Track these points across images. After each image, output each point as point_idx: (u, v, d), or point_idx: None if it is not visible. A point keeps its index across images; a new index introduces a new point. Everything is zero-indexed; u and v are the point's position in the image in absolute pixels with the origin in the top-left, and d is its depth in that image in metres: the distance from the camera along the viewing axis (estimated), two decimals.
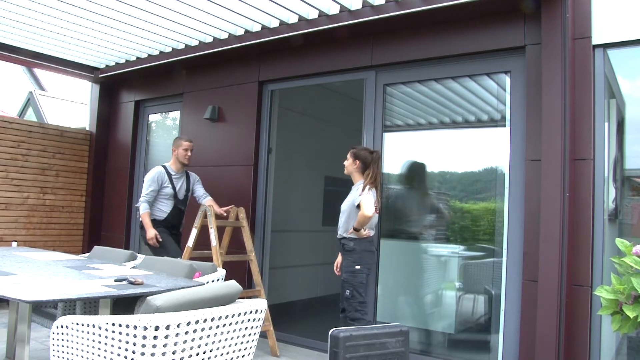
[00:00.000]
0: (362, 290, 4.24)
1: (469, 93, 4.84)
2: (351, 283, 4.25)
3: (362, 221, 4.20)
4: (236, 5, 4.88)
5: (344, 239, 4.38)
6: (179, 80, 6.72)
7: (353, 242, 4.30)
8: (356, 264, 4.26)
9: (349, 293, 4.24)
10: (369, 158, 4.45)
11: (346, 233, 4.34)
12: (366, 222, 4.23)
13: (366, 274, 4.31)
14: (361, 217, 4.19)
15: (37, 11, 5.25)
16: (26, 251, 4.55)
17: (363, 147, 4.59)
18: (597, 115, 3.94)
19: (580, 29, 4.00)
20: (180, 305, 2.45)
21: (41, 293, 2.69)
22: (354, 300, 4.22)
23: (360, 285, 4.24)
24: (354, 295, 4.22)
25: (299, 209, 7.48)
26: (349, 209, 4.38)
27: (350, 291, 4.23)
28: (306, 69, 5.55)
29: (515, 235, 4.21)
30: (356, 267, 4.26)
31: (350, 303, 4.24)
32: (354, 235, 4.28)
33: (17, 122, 7.05)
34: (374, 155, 4.48)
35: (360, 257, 4.28)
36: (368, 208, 4.19)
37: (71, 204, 7.41)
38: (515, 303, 4.16)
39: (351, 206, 4.37)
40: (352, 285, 4.24)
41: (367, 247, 4.34)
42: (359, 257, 4.28)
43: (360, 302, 4.23)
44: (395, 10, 4.54)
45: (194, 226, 5.05)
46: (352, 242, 4.30)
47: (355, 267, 4.26)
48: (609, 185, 4.01)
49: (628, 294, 2.83)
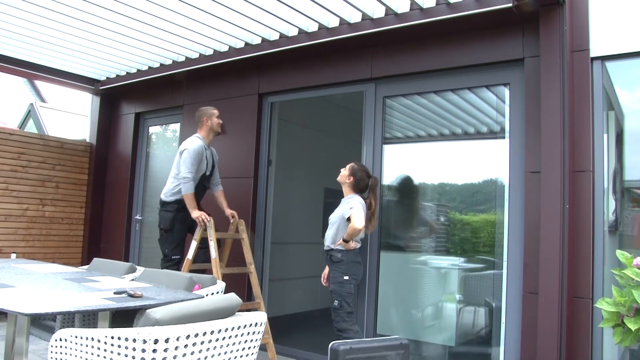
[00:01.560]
0: (350, 301, 4.31)
1: (468, 105, 4.86)
2: (339, 293, 4.32)
3: (352, 233, 4.30)
4: (236, 18, 4.91)
5: (331, 250, 4.46)
6: (180, 92, 6.75)
7: (341, 253, 4.39)
8: (344, 275, 4.35)
9: (337, 303, 4.30)
10: (365, 181, 4.55)
11: (334, 245, 4.43)
12: (356, 235, 4.33)
13: (354, 285, 4.39)
14: (351, 230, 4.28)
15: (38, 23, 5.28)
16: (25, 263, 4.53)
17: (363, 168, 4.65)
18: (596, 127, 3.95)
19: (578, 42, 4.02)
20: (179, 318, 2.44)
21: (40, 305, 2.68)
22: (342, 311, 4.28)
23: (348, 295, 4.31)
24: (342, 305, 4.28)
25: (299, 221, 7.47)
26: (339, 221, 4.47)
27: (339, 302, 4.29)
28: (306, 82, 5.57)
29: (515, 247, 4.21)
30: (344, 277, 4.34)
31: (338, 313, 4.30)
32: (341, 247, 4.38)
33: (17, 134, 7.06)
34: (372, 181, 4.57)
35: (348, 268, 4.36)
36: (359, 221, 4.27)
37: (71, 215, 7.40)
38: (516, 315, 4.14)
39: (341, 219, 4.46)
40: (340, 296, 4.31)
41: (354, 259, 4.42)
42: (346, 268, 4.36)
43: (348, 313, 4.29)
44: (395, 23, 4.57)
45: (193, 239, 5.04)
46: (340, 253, 4.40)
47: (344, 277, 4.34)
48: (609, 196, 4.00)
49: (629, 306, 2.82)
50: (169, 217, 5.07)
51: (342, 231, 4.41)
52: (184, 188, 4.90)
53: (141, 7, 4.74)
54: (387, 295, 4.98)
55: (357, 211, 4.32)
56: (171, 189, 5.10)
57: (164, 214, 5.12)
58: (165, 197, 5.12)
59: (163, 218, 5.12)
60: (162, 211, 5.15)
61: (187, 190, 4.89)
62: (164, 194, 5.15)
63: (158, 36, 5.47)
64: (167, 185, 5.17)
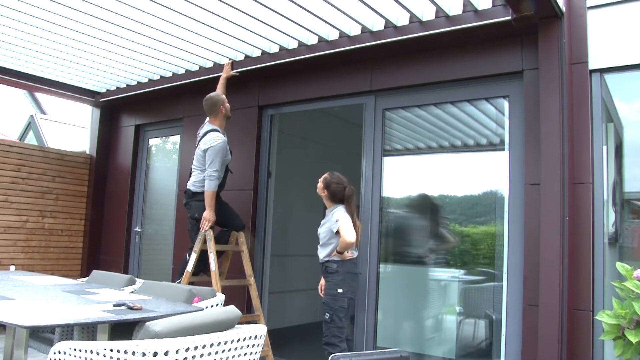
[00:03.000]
0: (342, 315, 4.15)
1: (467, 117, 4.87)
2: (331, 306, 4.18)
3: (344, 247, 4.19)
4: (236, 30, 4.94)
5: (327, 261, 4.33)
6: (180, 104, 6.77)
7: (337, 264, 4.26)
8: (338, 287, 4.20)
9: (328, 317, 4.15)
10: (340, 193, 4.44)
11: (329, 256, 4.31)
12: (349, 247, 4.22)
13: (348, 298, 4.22)
14: (343, 244, 4.17)
15: (39, 36, 5.32)
16: (24, 275, 4.52)
17: (337, 179, 4.50)
18: (596, 139, 3.96)
19: (577, 54, 4.04)
20: (179, 331, 2.44)
21: (38, 318, 2.67)
22: (333, 325, 4.13)
23: (340, 309, 4.16)
24: (334, 319, 4.13)
25: (298, 233, 7.46)
26: (328, 235, 4.35)
27: (330, 315, 4.15)
28: (306, 94, 5.59)
29: (515, 259, 4.20)
30: (338, 290, 4.19)
31: (328, 327, 4.15)
32: (337, 257, 4.25)
33: (17, 146, 7.08)
34: (347, 192, 4.43)
35: (342, 279, 4.22)
36: (349, 234, 4.16)
37: (70, 227, 7.39)
38: (516, 328, 4.13)
39: (329, 232, 4.35)
40: (332, 309, 4.16)
41: (350, 269, 4.29)
42: (341, 279, 4.22)
43: (339, 327, 4.13)
44: (394, 36, 4.60)
45: (193, 251, 5.04)
46: (336, 264, 4.27)
47: (337, 290, 4.19)
48: (609, 208, 4.01)
49: (630, 318, 2.82)
50: (201, 206, 5.06)
51: (334, 244, 4.30)
52: (208, 185, 4.95)
53: (141, 19, 4.78)
54: (387, 307, 4.97)
55: (345, 223, 4.21)
56: (199, 180, 5.08)
57: (196, 203, 5.10)
58: (195, 188, 5.11)
59: (195, 207, 5.09)
60: (193, 201, 5.12)
61: (210, 188, 4.95)
62: (193, 185, 5.12)
63: (158, 48, 5.50)
64: (194, 176, 5.14)
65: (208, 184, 4.95)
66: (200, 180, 5.07)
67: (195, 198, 5.11)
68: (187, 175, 5.99)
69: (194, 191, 5.12)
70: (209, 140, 5.02)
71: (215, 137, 5.03)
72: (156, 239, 7.29)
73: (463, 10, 4.25)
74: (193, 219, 5.13)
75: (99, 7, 4.57)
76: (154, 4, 4.42)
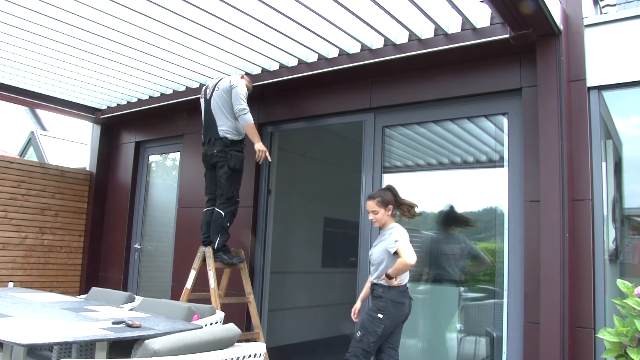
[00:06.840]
0: (372, 340, 3.91)
1: (467, 134, 4.89)
2: (366, 327, 3.95)
3: (401, 269, 3.88)
4: (236, 48, 4.97)
5: (375, 284, 4.08)
6: (180, 121, 6.79)
7: (382, 289, 3.99)
8: (380, 312, 3.94)
9: (359, 335, 3.96)
10: (393, 195, 4.17)
11: (377, 279, 4.05)
12: (405, 271, 3.95)
13: (385, 326, 3.94)
14: (402, 265, 3.84)
15: (40, 53, 5.35)
16: (23, 292, 4.50)
17: (379, 191, 4.24)
18: (595, 156, 3.97)
19: (575, 72, 4.07)
20: (178, 349, 2.42)
21: (36, 336, 2.65)
22: (361, 345, 3.93)
23: (374, 333, 3.92)
24: (363, 340, 3.93)
25: (298, 251, 7.44)
26: (385, 257, 4.03)
27: (362, 334, 3.94)
28: (305, 111, 5.61)
29: (515, 276, 4.19)
30: (379, 315, 3.94)
31: (356, 345, 3.95)
32: (384, 282, 3.98)
33: (17, 162, 7.09)
34: (394, 190, 4.21)
35: (385, 306, 3.96)
36: (410, 255, 3.84)
37: (69, 244, 7.38)
38: (517, 345, 4.10)
39: (383, 253, 4.03)
40: (365, 330, 3.95)
41: (395, 298, 3.98)
42: (384, 306, 3.96)
43: (365, 351, 3.93)
44: (393, 54, 4.63)
45: (192, 268, 5.02)
46: (382, 289, 3.99)
47: (378, 314, 3.94)
48: (609, 225, 4.00)
49: (632, 336, 2.80)
50: (240, 157, 4.97)
51: (389, 266, 3.95)
52: (246, 118, 4.84)
53: (142, 37, 4.82)
54: None
55: (405, 244, 3.90)
56: (235, 126, 4.95)
57: (236, 153, 4.95)
58: (233, 135, 4.95)
59: (235, 157, 4.93)
60: (231, 150, 4.93)
61: (250, 120, 4.85)
62: (229, 133, 4.94)
63: (159, 66, 5.53)
64: (226, 123, 4.97)
65: (245, 117, 4.83)
66: (235, 125, 4.92)
67: (234, 147, 4.94)
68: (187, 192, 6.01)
69: (232, 139, 4.94)
70: (231, 80, 5.00)
71: (238, 78, 5.04)
72: (156, 256, 7.27)
73: (462, 29, 4.30)
74: (230, 170, 4.92)
75: (99, 25, 4.61)
76: (153, 21, 4.46)
